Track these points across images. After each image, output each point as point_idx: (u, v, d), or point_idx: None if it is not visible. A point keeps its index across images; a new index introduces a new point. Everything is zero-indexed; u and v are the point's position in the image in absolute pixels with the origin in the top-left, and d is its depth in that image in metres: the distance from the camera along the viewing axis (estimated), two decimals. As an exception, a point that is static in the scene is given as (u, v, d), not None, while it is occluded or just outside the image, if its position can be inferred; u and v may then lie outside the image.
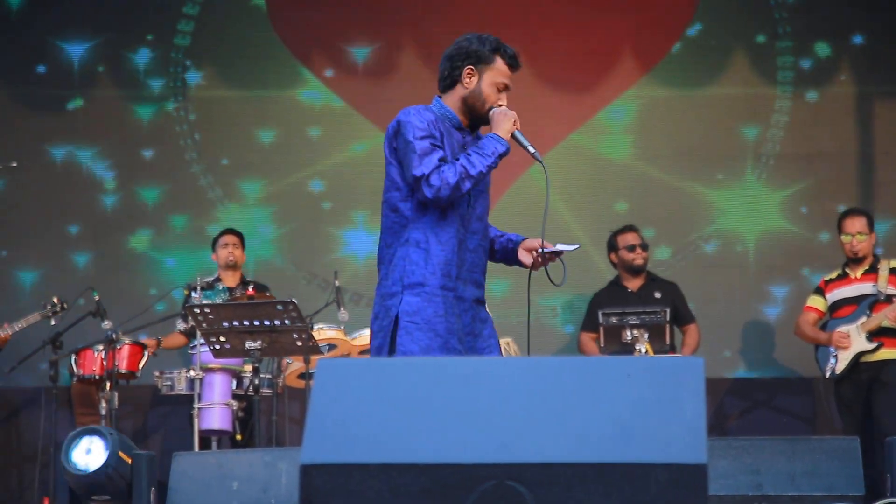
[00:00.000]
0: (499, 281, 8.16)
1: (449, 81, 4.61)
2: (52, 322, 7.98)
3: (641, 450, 3.14)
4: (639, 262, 8.20)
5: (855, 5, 9.13)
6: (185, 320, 8.02)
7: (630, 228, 8.28)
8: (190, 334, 8.02)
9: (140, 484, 5.68)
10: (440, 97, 4.66)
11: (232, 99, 9.34)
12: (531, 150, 4.57)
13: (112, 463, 5.51)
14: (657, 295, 8.14)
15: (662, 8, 9.25)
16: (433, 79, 4.77)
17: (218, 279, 8.25)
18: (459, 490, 3.14)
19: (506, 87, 4.63)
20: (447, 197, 4.47)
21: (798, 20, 9.13)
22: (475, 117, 4.64)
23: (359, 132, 9.22)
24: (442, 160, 4.48)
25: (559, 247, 4.64)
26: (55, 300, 8.02)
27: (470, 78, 4.58)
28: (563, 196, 9.00)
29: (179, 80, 9.28)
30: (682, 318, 8.15)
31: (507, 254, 4.78)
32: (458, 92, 4.61)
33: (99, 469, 5.54)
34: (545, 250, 4.63)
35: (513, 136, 4.58)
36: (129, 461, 5.52)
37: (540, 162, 4.57)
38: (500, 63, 4.62)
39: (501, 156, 4.54)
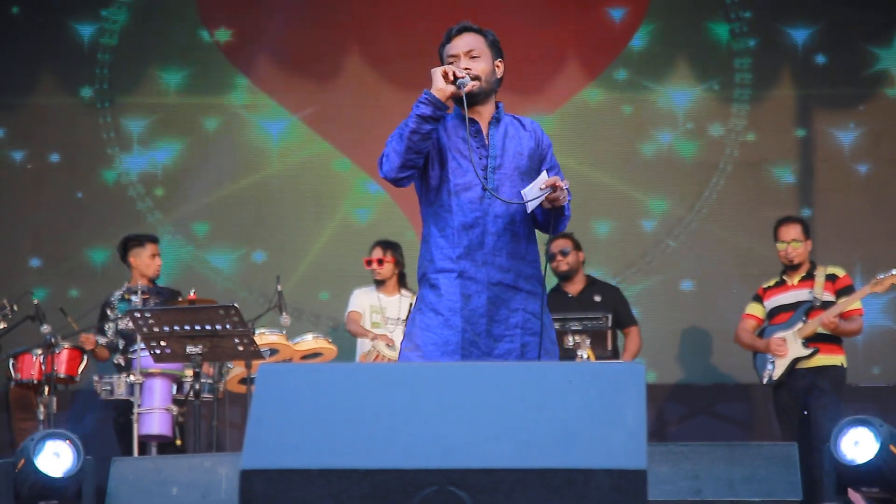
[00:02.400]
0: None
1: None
2: (2, 325, 7.85)
3: (582, 455, 3.16)
4: (562, 268, 8.25)
5: (798, 14, 9.22)
6: (103, 334, 7.95)
7: (562, 236, 8.34)
8: (109, 348, 7.95)
9: (89, 490, 5.64)
10: None
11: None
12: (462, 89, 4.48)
13: (78, 469, 5.48)
14: (597, 298, 8.20)
15: (608, 15, 9.30)
16: (379, 84, 4.79)
17: (132, 290, 8.05)
18: (401, 495, 3.13)
19: (454, 56, 4.61)
20: (392, 169, 4.45)
21: (746, 27, 9.20)
22: (457, 99, 4.55)
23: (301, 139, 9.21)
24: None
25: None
26: (4, 301, 7.89)
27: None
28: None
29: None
30: (623, 321, 8.19)
31: (538, 214, 4.65)
32: None
33: (68, 475, 5.50)
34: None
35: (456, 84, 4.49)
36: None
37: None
38: (447, 44, 4.65)
39: (424, 110, 4.43)
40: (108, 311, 7.94)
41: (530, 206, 4.53)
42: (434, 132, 4.48)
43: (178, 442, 7.53)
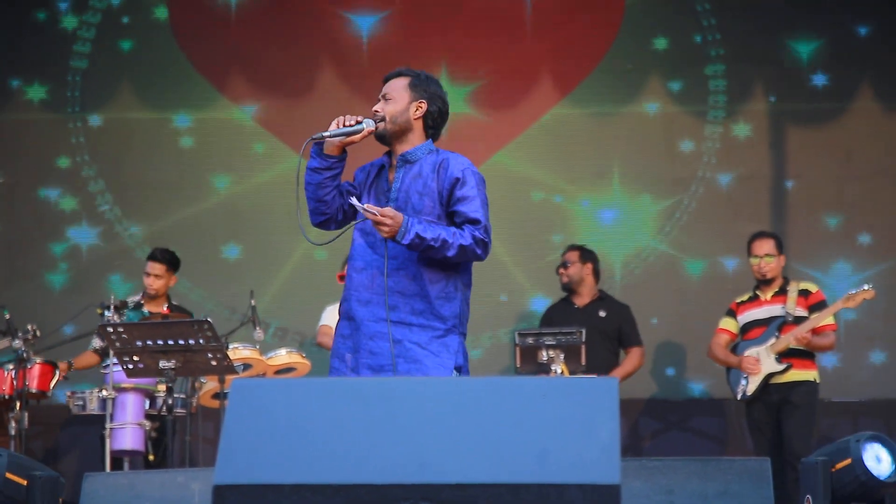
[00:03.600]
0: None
1: None
2: None
3: (556, 470, 3.16)
4: (563, 280, 8.33)
5: (771, 31, 9.27)
6: (102, 339, 7.91)
7: (567, 248, 8.41)
8: (103, 353, 7.91)
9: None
10: None
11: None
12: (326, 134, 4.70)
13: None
14: (602, 313, 8.25)
15: (581, 32, 9.33)
16: (351, 98, 4.86)
17: (140, 303, 8.05)
18: (374, 511, 3.13)
19: (382, 97, 4.83)
20: (310, 216, 4.84)
21: (721, 45, 9.24)
22: (380, 139, 4.81)
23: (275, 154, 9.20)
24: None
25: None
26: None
27: None
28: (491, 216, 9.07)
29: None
30: (626, 339, 8.26)
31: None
32: None
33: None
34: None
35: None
36: (25, 483, 5.36)
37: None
38: None
39: (311, 162, 4.75)
40: (106, 315, 7.74)
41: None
42: (331, 181, 4.72)
43: (151, 457, 7.49)
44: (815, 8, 9.23)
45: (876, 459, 5.35)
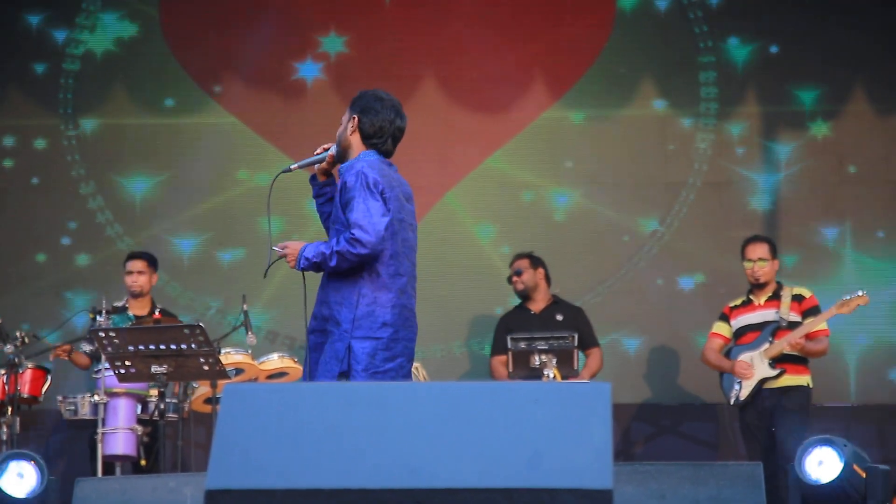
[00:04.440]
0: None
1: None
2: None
3: (549, 475, 3.16)
4: (518, 287, 8.32)
5: (764, 37, 9.28)
6: (91, 343, 7.90)
7: (516, 256, 8.40)
8: (94, 357, 7.90)
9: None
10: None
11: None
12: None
13: (42, 489, 5.45)
14: (559, 317, 8.23)
15: (574, 33, 9.33)
16: (344, 102, 4.97)
17: (125, 307, 8.08)
18: (366, 516, 3.12)
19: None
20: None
21: (712, 51, 9.24)
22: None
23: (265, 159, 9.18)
24: None
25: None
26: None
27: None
28: (481, 219, 9.09)
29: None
30: (585, 342, 8.22)
31: None
32: None
33: (32, 496, 5.45)
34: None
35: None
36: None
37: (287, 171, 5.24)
38: None
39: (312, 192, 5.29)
40: (98, 319, 7.75)
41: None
42: (328, 205, 5.16)
43: (143, 462, 7.48)
44: (806, 12, 9.22)
45: (818, 464, 5.38)
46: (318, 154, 5.15)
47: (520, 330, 8.04)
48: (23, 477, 5.48)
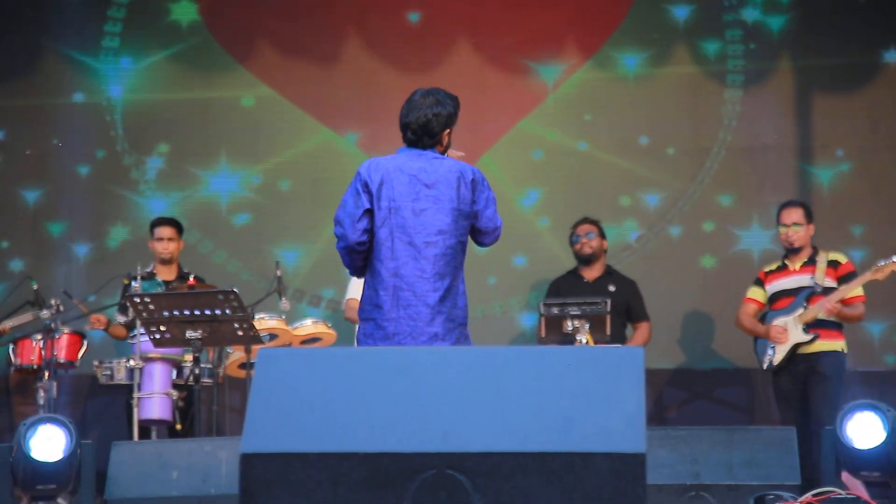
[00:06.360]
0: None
1: (434, 141, 5.14)
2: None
3: (581, 439, 3.16)
4: (586, 250, 8.31)
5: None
6: (125, 312, 7.94)
7: (584, 220, 8.37)
8: (129, 327, 7.95)
9: (88, 474, 5.65)
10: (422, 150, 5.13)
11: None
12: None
13: (73, 453, 5.48)
14: (611, 288, 8.24)
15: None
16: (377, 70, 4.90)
17: (153, 273, 8.11)
18: (400, 479, 3.14)
19: None
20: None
21: (742, 14, 9.18)
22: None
23: (302, 128, 9.18)
24: None
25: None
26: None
27: (447, 138, 5.18)
28: (518, 183, 9.07)
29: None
30: (635, 315, 8.26)
31: None
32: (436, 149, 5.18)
33: (61, 459, 5.50)
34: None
35: None
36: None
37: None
38: None
39: None
40: (133, 285, 7.79)
41: None
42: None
43: (178, 426, 7.53)
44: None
45: (860, 429, 5.31)
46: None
47: (570, 296, 8.04)
48: (52, 440, 5.52)
